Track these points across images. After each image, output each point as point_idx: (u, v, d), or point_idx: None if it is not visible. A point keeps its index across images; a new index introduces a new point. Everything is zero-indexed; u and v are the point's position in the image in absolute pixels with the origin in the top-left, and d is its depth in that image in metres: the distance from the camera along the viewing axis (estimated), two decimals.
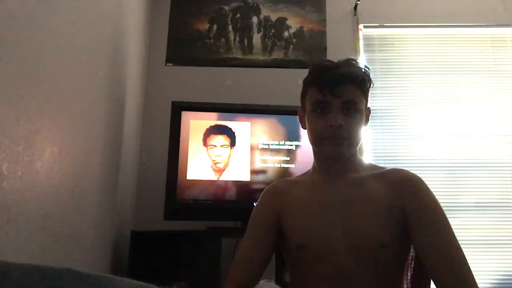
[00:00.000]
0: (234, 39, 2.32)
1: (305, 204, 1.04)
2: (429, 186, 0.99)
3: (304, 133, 1.85)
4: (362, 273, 0.93)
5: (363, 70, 1.05)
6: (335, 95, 0.99)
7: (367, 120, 1.08)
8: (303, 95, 1.09)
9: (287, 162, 1.83)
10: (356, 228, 0.95)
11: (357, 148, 1.06)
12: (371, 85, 1.05)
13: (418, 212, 0.94)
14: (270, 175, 1.82)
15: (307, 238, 0.99)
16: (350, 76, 1.00)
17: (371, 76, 1.06)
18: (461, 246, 0.91)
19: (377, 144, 2.23)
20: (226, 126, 1.85)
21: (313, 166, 1.13)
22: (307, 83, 1.07)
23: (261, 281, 1.00)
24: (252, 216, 1.09)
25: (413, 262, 1.06)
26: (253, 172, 1.81)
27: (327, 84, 1.00)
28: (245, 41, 2.32)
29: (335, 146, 1.00)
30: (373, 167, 1.09)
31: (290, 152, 1.84)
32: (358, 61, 1.07)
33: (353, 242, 0.94)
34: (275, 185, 1.15)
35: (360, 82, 1.02)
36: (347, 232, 0.95)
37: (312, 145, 1.08)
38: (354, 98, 1.01)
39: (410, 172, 1.02)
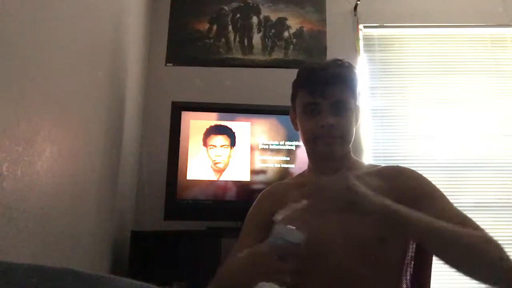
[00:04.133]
0: (234, 39, 2.32)
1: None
2: None
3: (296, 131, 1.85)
4: (361, 271, 0.93)
5: (350, 69, 1.07)
6: (324, 97, 1.01)
7: (357, 119, 1.10)
8: (293, 97, 1.12)
9: (287, 162, 1.83)
10: (354, 225, 0.95)
11: (350, 146, 1.08)
12: (359, 83, 1.09)
13: (415, 197, 0.96)
14: (270, 175, 1.82)
15: (317, 234, 0.98)
16: (338, 77, 1.03)
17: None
18: None
19: (377, 144, 2.22)
20: (226, 126, 1.85)
21: (308, 166, 1.13)
22: (296, 86, 1.10)
23: (260, 283, 1.00)
24: (247, 217, 1.11)
25: (412, 262, 1.06)
26: (253, 172, 1.81)
27: (316, 86, 1.02)
28: (245, 41, 2.32)
29: (328, 146, 1.03)
30: (367, 166, 1.12)
31: (290, 152, 1.84)
32: (344, 60, 1.09)
33: (352, 241, 0.95)
34: (271, 188, 1.16)
35: (348, 81, 1.05)
36: (345, 230, 0.96)
37: (305, 145, 1.10)
38: (344, 98, 1.03)
39: (403, 167, 1.06)
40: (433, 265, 1.03)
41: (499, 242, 0.84)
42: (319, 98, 1.02)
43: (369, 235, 0.94)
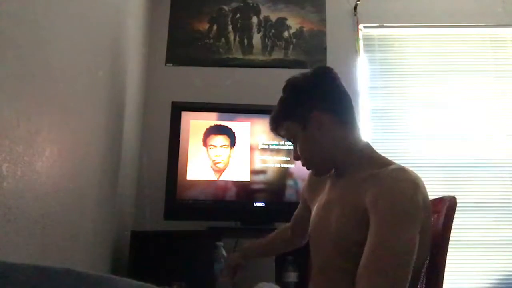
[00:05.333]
0: (234, 39, 2.32)
1: (321, 197, 1.10)
2: (429, 186, 0.92)
3: None
4: (342, 265, 0.94)
5: (285, 97, 1.09)
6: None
7: (320, 125, 1.02)
8: None
9: (287, 162, 1.83)
10: (335, 227, 0.97)
11: (334, 154, 1.02)
12: (295, 100, 1.07)
13: (371, 214, 0.86)
14: (270, 175, 1.82)
15: (311, 228, 1.09)
16: (271, 125, 1.11)
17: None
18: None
19: (377, 144, 2.19)
20: (226, 126, 1.85)
21: None
22: None
23: (261, 283, 1.05)
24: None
25: (424, 277, 1.02)
26: (253, 172, 1.81)
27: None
28: (245, 41, 2.32)
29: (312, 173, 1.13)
30: (381, 163, 0.99)
31: (290, 152, 1.84)
32: (287, 85, 1.10)
33: (333, 240, 0.97)
34: None
35: (279, 119, 1.09)
36: (330, 230, 0.98)
37: None
38: (286, 135, 1.10)
39: (390, 174, 0.91)
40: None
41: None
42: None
43: (346, 237, 0.93)
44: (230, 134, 1.84)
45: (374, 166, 0.98)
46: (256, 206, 1.78)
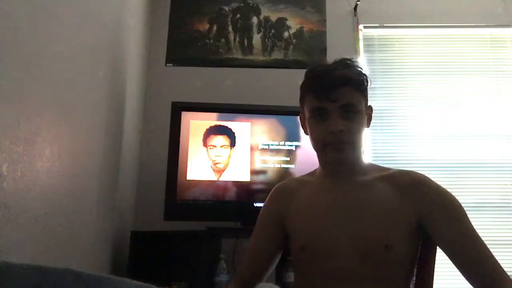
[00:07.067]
0: (234, 40, 2.32)
1: (310, 205, 1.05)
2: None
3: (304, 133, 1.84)
4: (365, 276, 0.93)
5: (359, 69, 1.03)
6: (331, 100, 0.97)
7: (369, 119, 1.07)
8: (301, 100, 1.08)
9: (287, 162, 1.83)
10: (361, 231, 0.96)
11: (361, 150, 1.04)
12: (369, 84, 1.05)
13: (435, 214, 0.96)
14: (270, 175, 1.82)
15: (309, 240, 1.01)
16: (345, 79, 0.98)
17: (369, 75, 1.05)
18: None
19: (377, 144, 2.22)
20: (226, 127, 1.85)
21: (320, 168, 1.12)
22: (303, 89, 1.06)
23: (260, 284, 1.03)
24: (259, 216, 1.13)
25: (417, 264, 1.05)
26: (253, 172, 1.81)
27: (322, 89, 0.98)
28: (245, 41, 2.32)
29: (338, 152, 0.99)
30: (378, 168, 1.08)
31: (290, 153, 1.84)
32: (354, 60, 1.05)
33: (357, 245, 0.95)
34: (284, 184, 1.16)
35: (357, 83, 1.00)
36: (352, 235, 0.96)
37: (315, 151, 1.07)
38: (352, 101, 0.99)
39: (418, 174, 1.03)
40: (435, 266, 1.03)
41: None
42: (326, 102, 0.97)
43: (376, 242, 0.94)
44: (230, 134, 1.84)
45: (377, 169, 1.07)
46: (256, 206, 1.78)
